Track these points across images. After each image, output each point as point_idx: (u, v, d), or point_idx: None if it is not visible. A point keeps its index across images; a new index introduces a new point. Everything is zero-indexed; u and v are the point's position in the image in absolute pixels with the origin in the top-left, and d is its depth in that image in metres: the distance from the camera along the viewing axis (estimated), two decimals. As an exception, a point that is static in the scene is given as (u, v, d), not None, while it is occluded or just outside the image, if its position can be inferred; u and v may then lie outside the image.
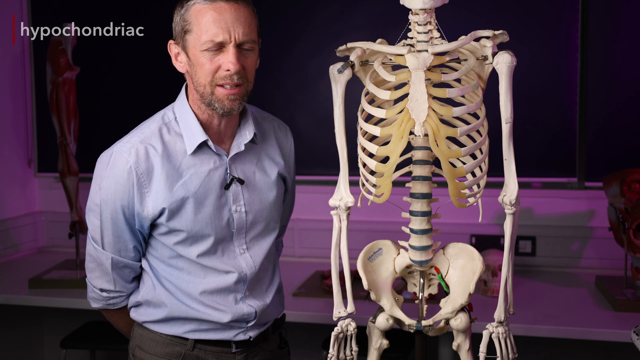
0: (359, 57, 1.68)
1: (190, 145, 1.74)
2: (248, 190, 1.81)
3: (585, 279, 3.04)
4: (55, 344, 3.42)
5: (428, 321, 1.70)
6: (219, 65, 1.66)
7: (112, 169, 1.72)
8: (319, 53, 3.35)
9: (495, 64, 1.57)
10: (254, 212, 1.82)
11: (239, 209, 1.79)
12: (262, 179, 1.84)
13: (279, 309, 1.94)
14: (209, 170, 1.76)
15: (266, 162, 1.86)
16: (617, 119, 3.16)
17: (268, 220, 1.85)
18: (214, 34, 1.63)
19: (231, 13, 1.65)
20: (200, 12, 1.65)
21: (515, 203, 1.59)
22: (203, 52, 1.65)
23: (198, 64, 1.67)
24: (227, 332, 1.82)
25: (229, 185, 1.78)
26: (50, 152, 3.62)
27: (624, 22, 3.13)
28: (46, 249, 3.77)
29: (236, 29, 1.65)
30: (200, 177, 1.75)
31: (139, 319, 1.85)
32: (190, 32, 1.66)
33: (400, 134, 1.57)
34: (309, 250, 3.40)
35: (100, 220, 1.76)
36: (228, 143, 1.80)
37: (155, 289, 1.81)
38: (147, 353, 1.83)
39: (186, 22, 1.67)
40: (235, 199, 1.79)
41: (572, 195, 3.21)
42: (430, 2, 1.55)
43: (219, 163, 1.77)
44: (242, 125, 1.82)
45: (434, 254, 1.69)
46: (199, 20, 1.64)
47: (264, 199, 1.84)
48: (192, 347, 1.81)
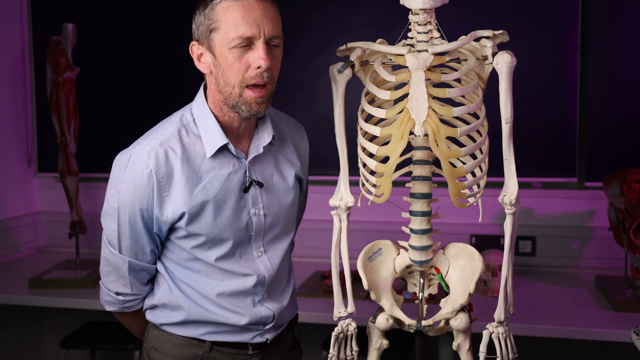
0: (359, 57, 1.68)
1: (210, 149, 1.71)
2: (267, 193, 1.78)
3: (585, 279, 3.04)
4: (55, 344, 3.42)
5: (428, 321, 1.70)
6: (248, 64, 1.63)
7: (130, 173, 1.69)
8: (319, 53, 3.35)
9: (495, 64, 1.57)
10: (272, 215, 1.79)
11: (258, 212, 1.77)
12: (280, 182, 1.82)
13: (294, 310, 1.92)
14: (229, 174, 1.73)
15: (283, 163, 1.84)
16: (617, 119, 3.16)
17: (285, 222, 1.83)
18: (243, 30, 1.60)
19: (259, 9, 1.62)
20: (227, 9, 1.61)
21: (515, 203, 1.59)
22: (232, 49, 1.62)
23: (227, 63, 1.63)
24: (245, 334, 1.79)
25: (247, 188, 1.75)
26: (50, 152, 3.62)
27: (624, 22, 3.13)
28: (46, 249, 3.77)
29: (265, 24, 1.62)
30: (220, 180, 1.72)
31: (156, 321, 1.82)
32: (217, 30, 1.63)
33: (400, 134, 1.57)
34: (309, 250, 3.40)
35: (117, 224, 1.73)
36: (246, 145, 1.77)
37: (172, 292, 1.78)
38: (163, 355, 1.81)
39: (212, 20, 1.63)
40: (255, 202, 1.76)
41: (572, 195, 3.21)
42: (430, 2, 1.55)
43: (238, 166, 1.74)
44: (260, 126, 1.78)
45: (434, 254, 1.69)
46: (227, 18, 1.61)
47: (282, 201, 1.81)
48: (209, 349, 1.78)
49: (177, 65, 1.75)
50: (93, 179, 3.60)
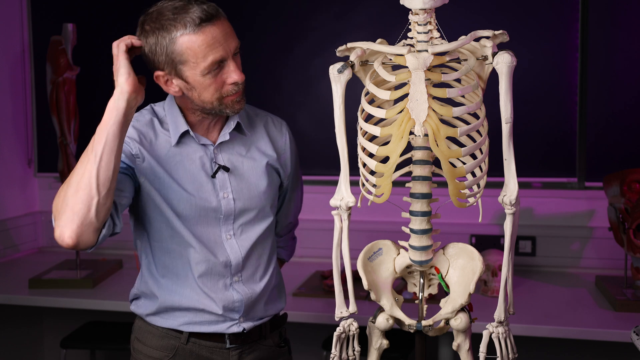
0: (359, 57, 1.68)
1: (174, 136, 1.79)
2: (236, 179, 1.85)
3: (585, 279, 3.04)
4: (55, 344, 3.42)
5: (428, 321, 1.70)
6: (223, 81, 1.71)
7: None
8: (319, 53, 3.35)
9: (495, 64, 1.57)
10: (243, 199, 1.85)
11: (227, 196, 1.83)
12: (251, 168, 1.87)
13: (278, 305, 1.96)
14: (193, 160, 1.81)
15: (255, 153, 1.90)
16: (617, 119, 3.16)
17: (260, 208, 1.88)
18: (212, 57, 1.67)
19: (218, 30, 1.68)
20: (191, 42, 1.66)
21: (515, 203, 1.59)
22: (205, 75, 1.69)
23: (202, 87, 1.71)
24: (221, 324, 1.84)
25: (215, 173, 1.81)
26: (50, 152, 3.62)
27: (624, 22, 3.13)
28: (46, 249, 3.77)
29: (227, 42, 1.69)
30: (185, 165, 1.80)
31: (139, 311, 1.90)
32: (186, 62, 1.68)
33: (400, 134, 1.57)
34: (309, 250, 3.40)
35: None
36: (216, 135, 1.85)
37: (149, 279, 1.85)
38: (144, 345, 1.87)
39: (176, 54, 1.68)
40: (222, 185, 1.83)
41: (572, 195, 3.21)
42: (430, 2, 1.55)
43: (203, 153, 1.82)
44: (230, 117, 1.86)
45: (434, 254, 1.69)
46: (192, 50, 1.67)
47: (252, 187, 1.87)
48: (186, 340, 1.83)
49: (177, 65, 1.75)
50: (93, 179, 3.60)
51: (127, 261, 3.40)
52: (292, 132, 2.01)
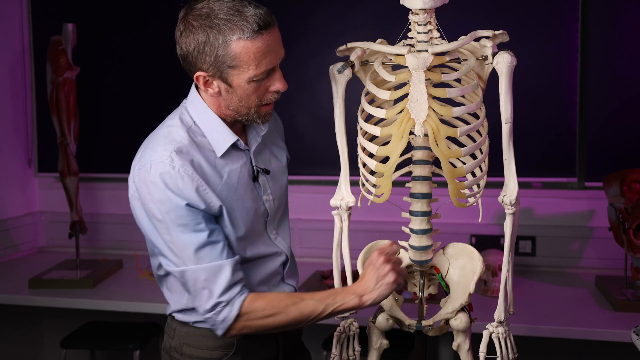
0: (359, 57, 1.68)
1: (220, 148, 1.70)
2: (272, 179, 1.83)
3: (585, 279, 3.04)
4: (55, 344, 3.42)
5: (428, 321, 1.70)
6: (266, 88, 1.66)
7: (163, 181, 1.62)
8: (319, 53, 3.35)
9: (495, 64, 1.57)
10: (278, 198, 1.84)
11: (269, 198, 1.80)
12: (277, 166, 1.86)
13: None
14: (240, 167, 1.74)
15: (275, 148, 1.88)
16: (617, 119, 3.16)
17: (285, 203, 1.89)
18: (265, 66, 1.62)
19: (273, 38, 1.63)
20: (246, 48, 1.59)
21: (515, 203, 1.59)
22: (251, 82, 1.63)
23: (245, 93, 1.65)
24: None
25: (256, 177, 1.77)
26: (50, 152, 3.62)
27: (624, 22, 3.13)
28: (46, 249, 3.77)
29: (278, 51, 1.65)
30: (236, 174, 1.73)
31: (189, 319, 1.80)
32: (237, 67, 1.61)
33: (400, 134, 1.57)
34: (309, 250, 3.40)
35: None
36: (243, 137, 1.79)
37: None
38: (198, 348, 1.80)
39: (228, 57, 1.60)
40: (264, 189, 1.79)
41: (572, 195, 3.21)
42: (430, 2, 1.55)
43: (245, 158, 1.76)
44: None
45: (434, 254, 1.69)
46: (248, 57, 1.60)
47: (282, 184, 1.86)
48: (242, 335, 1.77)
49: (177, 65, 1.73)
50: (93, 179, 3.60)
51: (127, 261, 3.40)
52: (292, 132, 2.01)
